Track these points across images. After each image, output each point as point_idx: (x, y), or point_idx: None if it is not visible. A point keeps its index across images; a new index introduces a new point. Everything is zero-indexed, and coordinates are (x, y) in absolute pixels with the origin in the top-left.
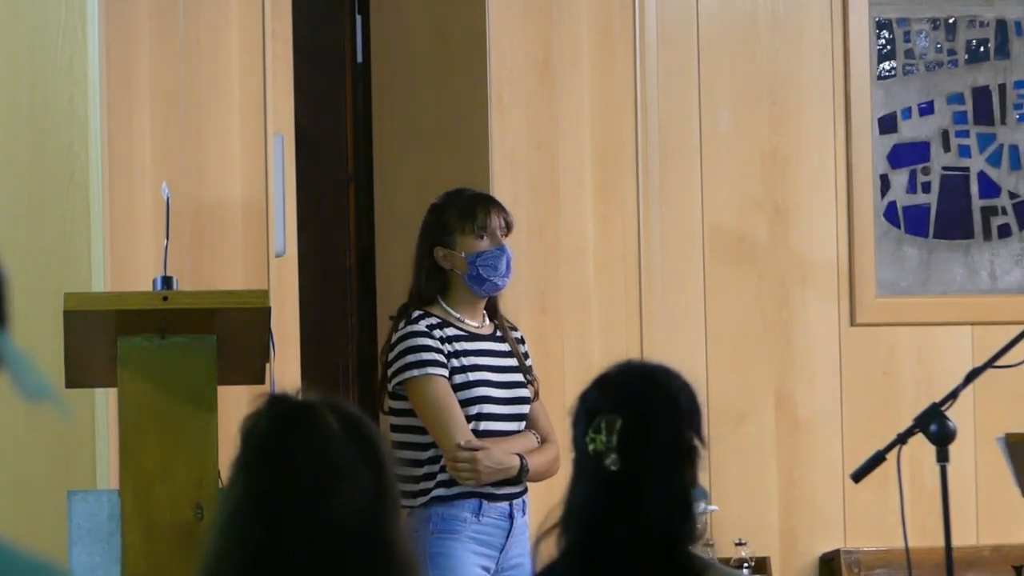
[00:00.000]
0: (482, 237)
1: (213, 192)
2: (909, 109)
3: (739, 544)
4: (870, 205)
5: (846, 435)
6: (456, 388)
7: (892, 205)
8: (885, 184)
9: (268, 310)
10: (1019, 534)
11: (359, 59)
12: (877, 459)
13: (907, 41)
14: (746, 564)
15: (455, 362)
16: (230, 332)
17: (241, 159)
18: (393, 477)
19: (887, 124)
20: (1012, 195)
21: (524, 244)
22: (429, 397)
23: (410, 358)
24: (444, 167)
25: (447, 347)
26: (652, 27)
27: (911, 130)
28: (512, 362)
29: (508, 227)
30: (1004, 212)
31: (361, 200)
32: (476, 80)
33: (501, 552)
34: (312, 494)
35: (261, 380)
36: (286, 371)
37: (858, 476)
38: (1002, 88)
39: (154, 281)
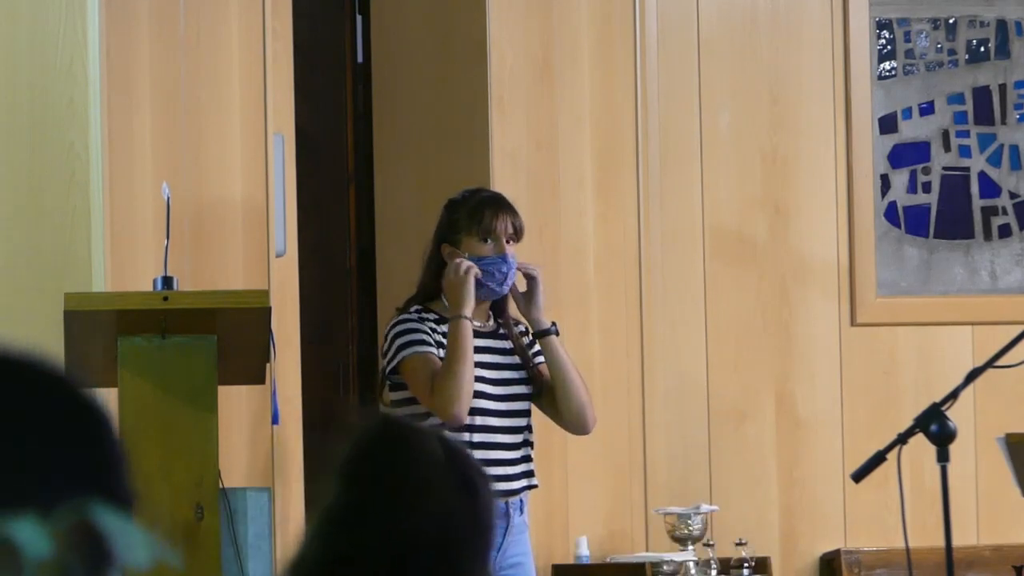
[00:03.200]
0: (486, 240)
1: (213, 192)
2: (909, 109)
3: (739, 544)
4: (870, 205)
5: (846, 435)
6: None
7: (892, 205)
8: (885, 184)
9: (268, 310)
10: (1019, 534)
11: (359, 59)
12: (877, 459)
13: (907, 41)
14: (746, 564)
15: None
16: (230, 332)
17: (241, 159)
18: (490, 517)
19: (887, 124)
20: (1012, 195)
21: (524, 243)
22: (419, 369)
23: (399, 341)
24: (444, 167)
25: (442, 340)
26: (652, 27)
27: (911, 130)
28: (511, 360)
29: (517, 232)
30: (1004, 212)
31: (361, 200)
32: (476, 80)
33: (498, 551)
34: (405, 511)
35: (261, 380)
36: (286, 371)
37: (858, 476)
38: (1002, 88)
39: (154, 281)
